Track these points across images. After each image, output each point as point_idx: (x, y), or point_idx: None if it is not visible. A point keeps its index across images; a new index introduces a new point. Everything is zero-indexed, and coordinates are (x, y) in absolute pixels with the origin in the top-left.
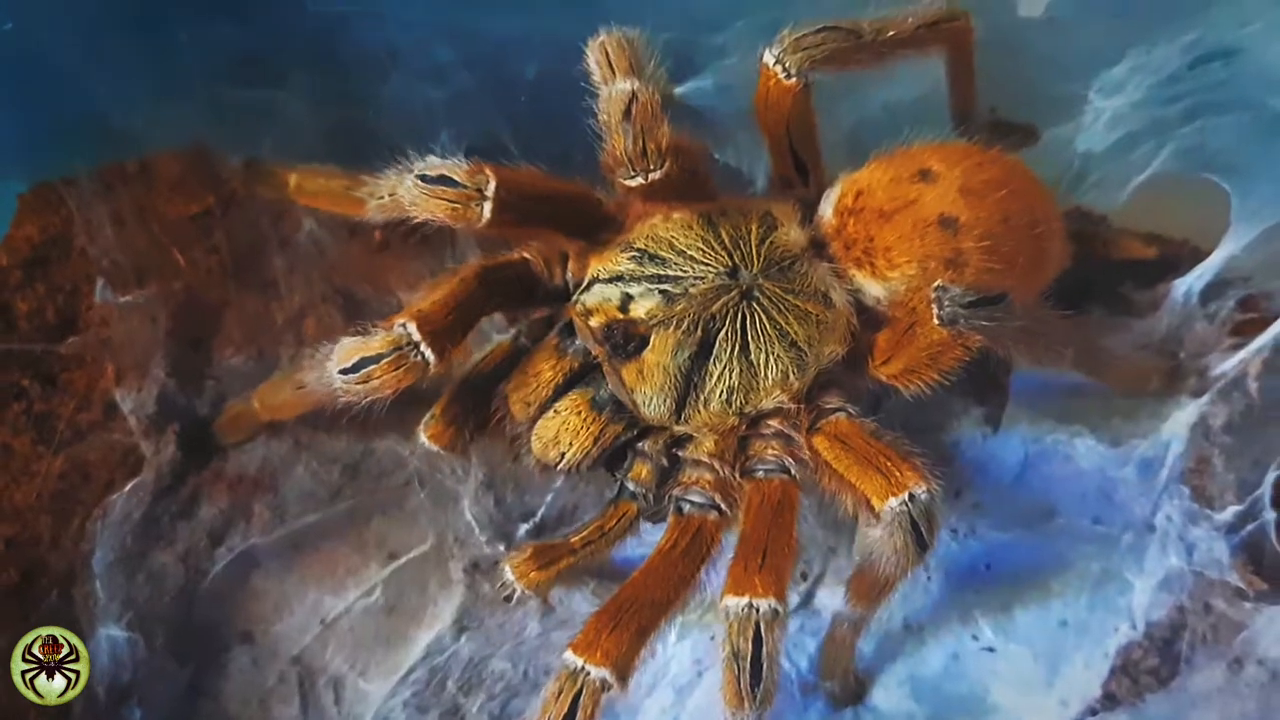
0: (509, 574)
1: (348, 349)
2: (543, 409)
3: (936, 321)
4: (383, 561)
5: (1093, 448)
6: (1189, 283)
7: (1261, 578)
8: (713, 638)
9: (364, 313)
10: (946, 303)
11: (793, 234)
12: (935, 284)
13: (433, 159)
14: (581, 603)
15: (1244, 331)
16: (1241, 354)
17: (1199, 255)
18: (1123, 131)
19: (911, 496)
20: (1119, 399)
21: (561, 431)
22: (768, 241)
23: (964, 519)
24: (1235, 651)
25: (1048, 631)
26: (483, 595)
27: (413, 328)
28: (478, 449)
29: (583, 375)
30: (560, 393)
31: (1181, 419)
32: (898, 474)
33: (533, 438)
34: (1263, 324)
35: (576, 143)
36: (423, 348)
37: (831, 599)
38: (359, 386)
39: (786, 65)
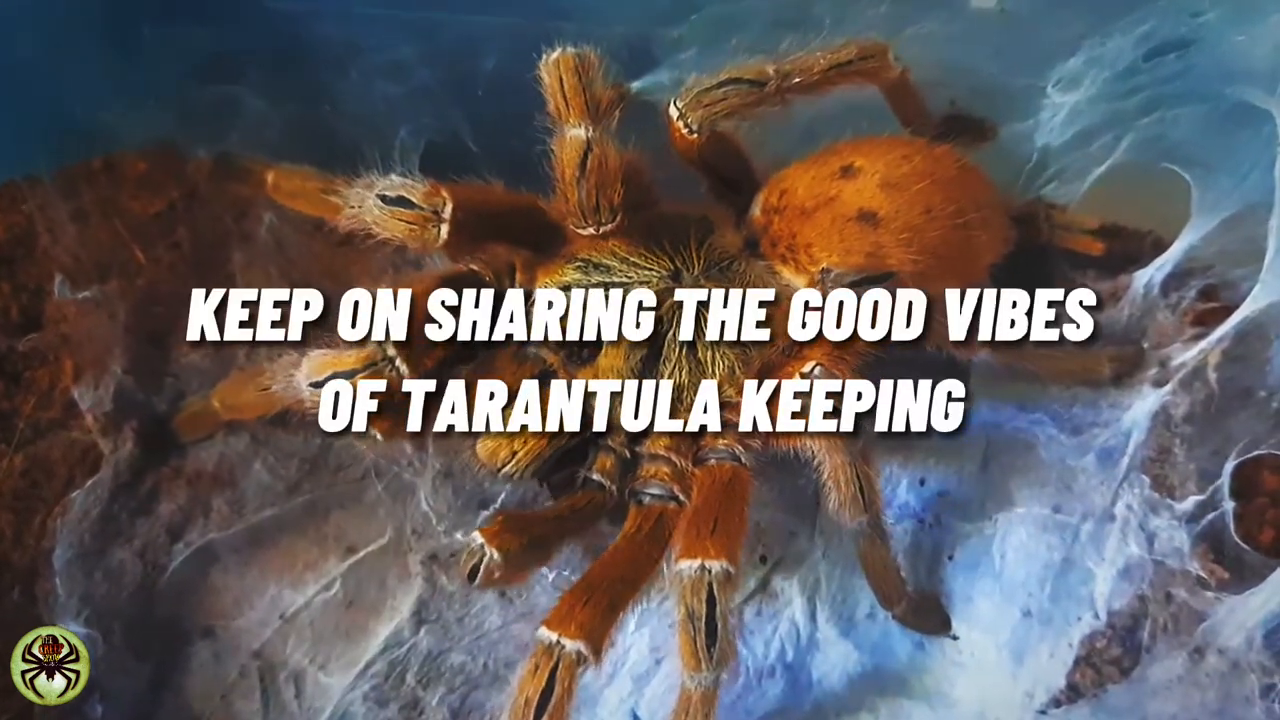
0: (478, 539)
1: (319, 362)
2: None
3: None
4: (341, 555)
5: (1054, 437)
6: (1150, 273)
7: (1223, 567)
8: (671, 625)
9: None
10: (829, 284)
11: (728, 236)
12: (820, 267)
13: (393, 178)
14: (540, 595)
15: (1205, 321)
16: (1202, 344)
17: (1161, 246)
18: (1081, 125)
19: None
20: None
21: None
22: (706, 244)
23: (929, 508)
24: (1196, 641)
25: (1011, 622)
26: (441, 588)
27: (388, 344)
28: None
29: (536, 380)
30: (514, 398)
31: (1143, 408)
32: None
33: (480, 441)
34: (1224, 313)
35: (535, 137)
36: (397, 362)
37: (789, 585)
38: (330, 400)
39: (689, 121)
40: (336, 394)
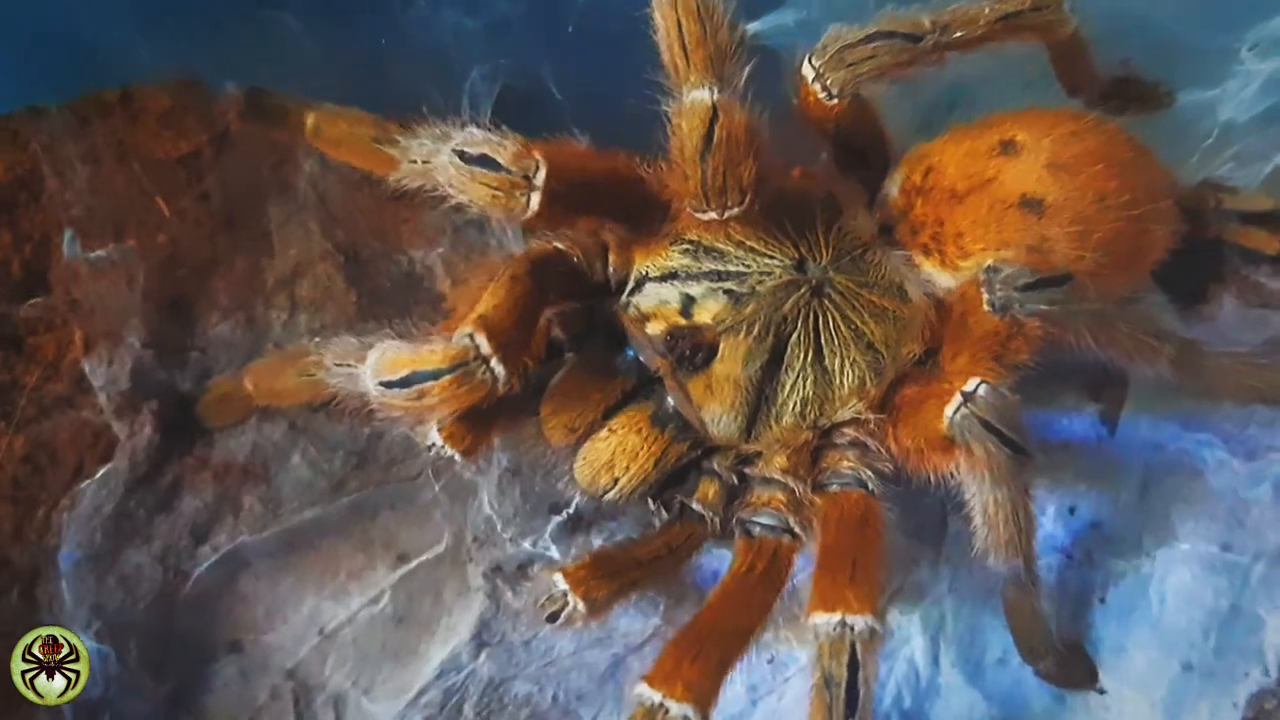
0: (561, 583)
1: (394, 359)
2: (590, 432)
3: (987, 308)
4: (391, 564)
5: (1224, 462)
6: None
7: None
8: (770, 660)
9: (368, 273)
10: (998, 285)
11: (860, 219)
12: (985, 264)
13: (474, 131)
14: (620, 616)
15: None
16: None
17: None
18: (1277, 99)
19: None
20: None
21: (618, 454)
22: (835, 228)
23: (1079, 542)
24: None
25: (1168, 676)
26: (505, 605)
27: (482, 339)
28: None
29: (637, 392)
30: (611, 413)
31: None
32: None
33: (579, 463)
34: None
35: (631, 84)
36: (493, 363)
37: (909, 621)
38: (408, 404)
39: (828, 83)
40: (419, 397)
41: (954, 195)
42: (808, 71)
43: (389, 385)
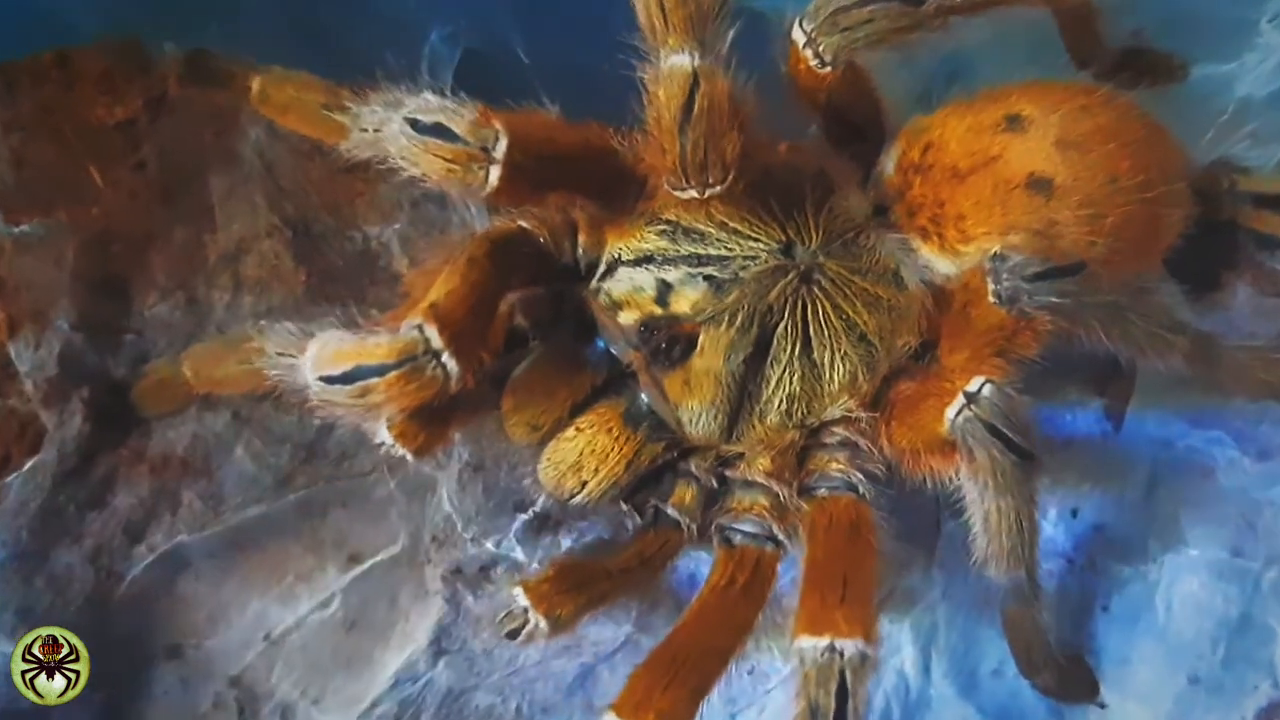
0: (522, 599)
1: (336, 351)
2: (556, 430)
3: (993, 299)
4: (342, 566)
5: (1235, 461)
6: None
7: None
8: (750, 671)
9: (319, 250)
10: (1005, 275)
11: (853, 198)
12: (991, 251)
13: (429, 98)
14: (589, 624)
15: None
16: None
17: None
18: None
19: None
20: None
21: (586, 455)
22: (825, 209)
23: (1081, 546)
24: None
25: (1174, 689)
26: (466, 610)
27: (433, 331)
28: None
29: (608, 386)
30: (579, 409)
31: None
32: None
33: (543, 464)
34: None
35: (606, 48)
36: (444, 357)
37: (899, 630)
38: (351, 401)
39: (820, 50)
40: (362, 393)
41: (955, 174)
42: (798, 36)
43: (330, 380)
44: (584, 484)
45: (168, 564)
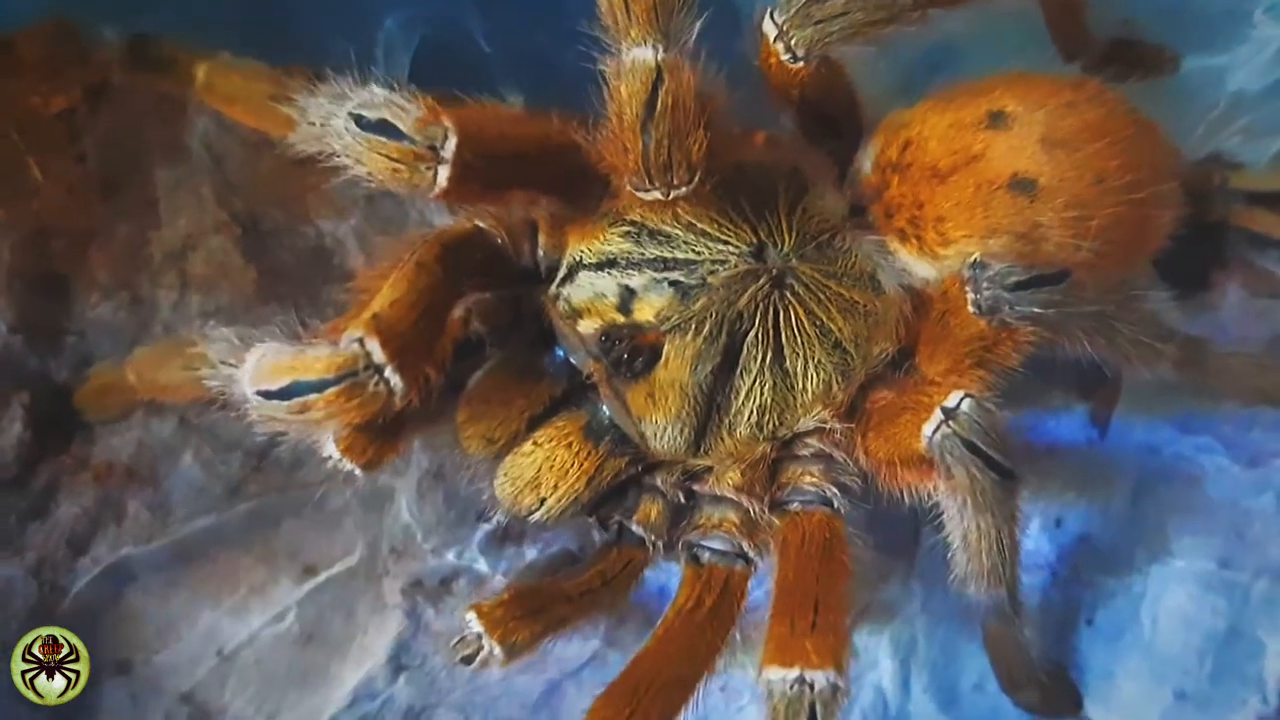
0: (475, 625)
1: (274, 365)
2: (513, 443)
3: (973, 310)
4: (297, 578)
5: (1224, 468)
6: None
7: None
8: (722, 688)
9: (270, 247)
10: (985, 284)
11: (828, 198)
12: (971, 258)
13: (375, 91)
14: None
15: None
16: None
17: None
18: None
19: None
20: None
21: (545, 470)
22: (799, 209)
23: (1065, 557)
24: None
25: (1160, 705)
26: (426, 624)
27: (375, 345)
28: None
29: (568, 398)
30: (537, 422)
31: None
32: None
33: (500, 479)
34: None
35: (570, 37)
36: (387, 372)
37: (877, 643)
38: (290, 417)
39: (792, 43)
40: (301, 410)
41: (935, 173)
42: (769, 29)
43: (268, 395)
44: (542, 501)
45: (114, 577)
